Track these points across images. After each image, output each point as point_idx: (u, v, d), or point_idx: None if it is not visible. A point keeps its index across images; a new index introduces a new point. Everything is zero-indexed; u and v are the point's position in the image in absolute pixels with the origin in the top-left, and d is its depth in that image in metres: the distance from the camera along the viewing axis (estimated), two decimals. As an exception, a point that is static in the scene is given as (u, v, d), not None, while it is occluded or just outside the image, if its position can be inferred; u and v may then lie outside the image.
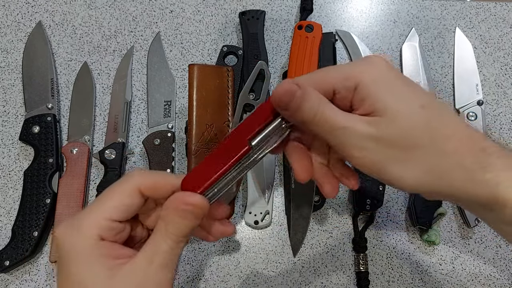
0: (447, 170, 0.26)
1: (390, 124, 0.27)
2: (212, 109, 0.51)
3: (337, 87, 0.28)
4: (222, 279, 0.50)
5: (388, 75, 0.28)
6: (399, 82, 0.28)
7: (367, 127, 0.27)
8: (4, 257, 0.48)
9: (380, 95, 0.27)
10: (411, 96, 0.27)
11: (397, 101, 0.27)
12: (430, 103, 0.27)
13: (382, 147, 0.27)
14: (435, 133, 0.27)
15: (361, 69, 0.28)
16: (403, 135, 0.27)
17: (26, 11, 0.61)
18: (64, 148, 0.53)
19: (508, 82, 0.59)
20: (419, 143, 0.27)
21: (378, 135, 0.27)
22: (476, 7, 0.63)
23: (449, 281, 0.51)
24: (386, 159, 0.27)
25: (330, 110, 0.28)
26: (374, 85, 0.27)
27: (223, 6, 0.63)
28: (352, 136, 0.27)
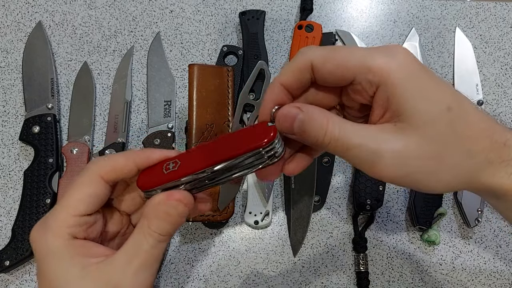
0: (476, 170, 0.26)
1: (417, 133, 0.25)
2: (212, 109, 0.51)
3: (359, 78, 0.26)
4: (222, 279, 0.50)
5: (415, 71, 0.26)
6: (425, 79, 0.26)
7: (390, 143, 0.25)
8: (4, 257, 0.48)
9: (407, 98, 0.25)
10: (438, 96, 0.26)
11: (424, 105, 0.25)
12: (456, 102, 0.26)
13: (407, 160, 0.25)
14: (462, 136, 0.26)
15: (386, 61, 0.25)
16: (431, 144, 0.25)
17: (26, 11, 0.61)
18: (64, 148, 0.53)
19: (508, 82, 0.59)
20: (447, 149, 0.26)
21: (403, 149, 0.25)
22: (476, 7, 0.63)
23: (449, 281, 0.51)
24: (413, 172, 0.26)
25: (341, 128, 0.26)
26: (400, 84, 0.25)
27: (223, 6, 0.63)
28: (371, 153, 0.25)
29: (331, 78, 0.27)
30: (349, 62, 0.26)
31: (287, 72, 0.28)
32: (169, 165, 0.28)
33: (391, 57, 0.26)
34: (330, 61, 0.26)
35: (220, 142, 0.28)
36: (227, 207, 0.49)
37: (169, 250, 0.51)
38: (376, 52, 0.26)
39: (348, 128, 0.26)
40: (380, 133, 0.26)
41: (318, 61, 0.27)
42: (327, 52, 0.27)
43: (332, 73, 0.27)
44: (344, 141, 0.26)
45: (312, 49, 0.27)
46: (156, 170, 0.29)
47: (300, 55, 0.27)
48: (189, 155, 0.29)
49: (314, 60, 0.27)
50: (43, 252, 0.27)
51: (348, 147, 0.26)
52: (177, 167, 0.28)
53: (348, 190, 0.54)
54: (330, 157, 0.53)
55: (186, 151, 0.30)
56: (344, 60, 0.26)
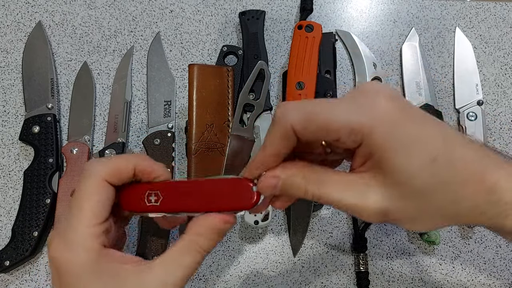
0: (462, 213, 0.26)
1: (397, 188, 0.25)
2: (212, 109, 0.51)
3: (343, 139, 0.26)
4: (222, 279, 0.50)
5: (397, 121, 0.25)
6: (409, 129, 0.25)
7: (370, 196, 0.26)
8: (4, 257, 0.48)
9: (389, 156, 0.25)
10: (421, 148, 0.25)
11: (405, 161, 0.25)
12: (443, 149, 0.25)
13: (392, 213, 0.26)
14: (448, 184, 0.25)
15: (368, 119, 0.25)
16: (411, 197, 0.25)
17: (26, 11, 0.61)
18: (64, 148, 0.53)
19: (508, 82, 0.59)
20: (429, 200, 0.26)
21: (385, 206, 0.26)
22: (476, 7, 0.63)
23: (449, 281, 0.51)
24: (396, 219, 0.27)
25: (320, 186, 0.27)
26: (382, 142, 0.25)
27: (223, 6, 0.63)
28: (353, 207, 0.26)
29: (313, 138, 0.27)
30: (331, 125, 0.25)
31: (273, 142, 0.27)
32: (151, 196, 0.29)
33: (372, 111, 0.25)
34: (312, 124, 0.26)
35: (202, 187, 0.29)
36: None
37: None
38: (357, 108, 0.25)
39: (328, 184, 0.27)
40: (359, 185, 0.26)
41: (298, 124, 0.26)
42: (306, 113, 0.26)
43: (314, 136, 0.26)
44: (325, 198, 0.27)
45: (290, 111, 0.26)
46: (138, 198, 0.30)
47: (279, 119, 0.27)
48: (172, 192, 0.30)
49: (294, 124, 0.26)
50: (74, 269, 0.26)
51: (330, 202, 0.27)
52: (159, 202, 0.29)
53: (348, 190, 0.54)
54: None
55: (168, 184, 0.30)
56: (325, 123, 0.25)
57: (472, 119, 0.55)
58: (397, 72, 0.60)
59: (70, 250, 0.26)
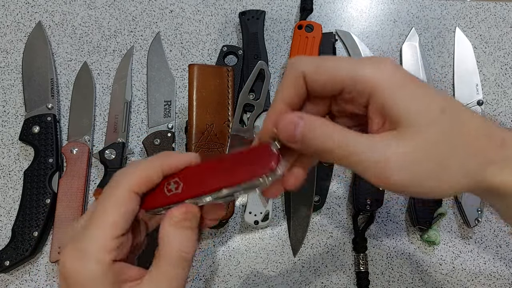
0: (480, 169, 0.26)
1: (419, 136, 0.25)
2: (212, 109, 0.51)
3: (348, 88, 0.26)
4: (222, 279, 0.50)
5: (402, 79, 0.26)
6: (414, 86, 0.26)
7: (394, 147, 0.25)
8: (4, 257, 0.48)
9: (401, 105, 0.25)
10: (429, 101, 0.26)
11: (418, 110, 0.25)
12: (448, 105, 0.26)
13: (413, 164, 0.25)
14: (462, 136, 0.26)
15: (373, 72, 0.26)
16: (435, 145, 0.25)
17: (26, 11, 0.61)
18: (64, 148, 0.53)
19: (508, 82, 0.59)
20: (451, 150, 0.26)
21: (408, 153, 0.25)
22: (476, 7, 0.63)
23: (449, 281, 0.51)
24: (418, 176, 0.25)
25: (344, 135, 0.26)
26: (391, 93, 0.25)
27: (223, 6, 0.63)
28: (376, 159, 0.25)
29: (321, 89, 0.27)
30: (338, 73, 0.26)
31: (285, 88, 0.28)
32: (170, 185, 0.28)
33: (378, 67, 0.26)
34: (320, 72, 0.27)
35: (222, 164, 0.28)
36: (227, 207, 0.49)
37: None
38: (364, 63, 0.26)
39: (351, 136, 0.26)
40: (383, 139, 0.26)
41: (309, 72, 0.27)
42: (317, 63, 0.27)
43: (323, 84, 0.27)
44: (348, 148, 0.25)
45: (302, 59, 0.28)
46: (157, 192, 0.29)
47: (292, 67, 0.28)
48: (191, 176, 0.29)
49: (305, 71, 0.27)
50: (81, 279, 0.26)
51: (352, 154, 0.25)
52: (180, 189, 0.28)
53: (348, 190, 0.54)
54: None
55: (187, 169, 0.29)
56: (333, 71, 0.27)
57: (472, 119, 0.55)
58: (397, 72, 0.60)
59: (82, 260, 0.26)
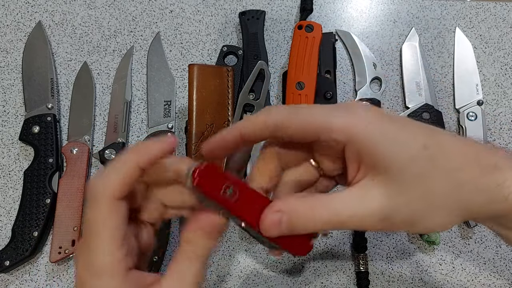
0: (468, 201, 0.26)
1: (397, 181, 0.25)
2: (212, 109, 0.51)
3: (323, 137, 0.26)
4: (222, 279, 0.50)
5: (378, 121, 0.26)
6: (391, 126, 0.26)
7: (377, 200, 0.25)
8: (4, 257, 0.48)
9: (377, 148, 0.25)
10: (410, 139, 0.25)
11: (396, 149, 0.25)
12: (432, 139, 0.26)
13: (401, 211, 0.25)
14: (446, 170, 0.25)
15: (347, 119, 0.26)
16: (416, 186, 0.25)
17: (26, 11, 0.61)
18: (64, 148, 0.53)
19: (508, 82, 0.59)
20: (432, 187, 0.25)
21: (391, 203, 0.25)
22: (476, 7, 0.63)
23: (449, 281, 0.51)
24: (411, 219, 0.26)
25: (328, 209, 0.26)
26: (367, 137, 0.25)
27: (223, 6, 0.63)
28: (365, 217, 0.25)
29: (295, 137, 0.28)
30: (311, 124, 0.26)
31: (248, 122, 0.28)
32: (228, 188, 0.27)
33: (351, 113, 0.26)
34: (293, 122, 0.27)
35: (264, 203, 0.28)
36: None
37: (169, 250, 0.51)
38: (336, 111, 0.26)
39: (334, 205, 0.26)
40: (362, 195, 0.26)
41: (280, 122, 0.27)
42: (289, 113, 0.27)
43: (296, 134, 0.27)
44: (336, 219, 0.26)
45: (274, 109, 0.28)
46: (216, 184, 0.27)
47: (262, 113, 0.28)
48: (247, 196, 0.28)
49: (276, 122, 0.27)
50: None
51: (342, 222, 0.26)
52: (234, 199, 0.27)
53: (348, 190, 0.54)
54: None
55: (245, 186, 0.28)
56: (306, 122, 0.27)
57: (472, 119, 0.55)
58: (397, 72, 0.60)
59: (98, 279, 0.26)
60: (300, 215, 0.26)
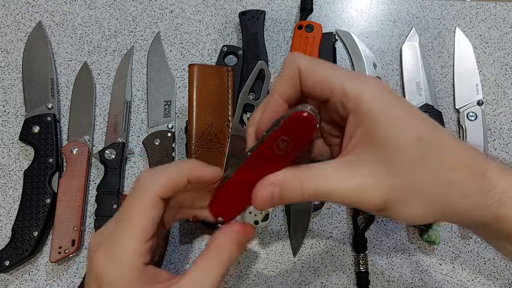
0: (451, 201, 0.26)
1: (385, 163, 0.26)
2: (212, 109, 0.51)
3: (334, 98, 0.27)
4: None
5: (385, 100, 0.26)
6: (395, 109, 0.26)
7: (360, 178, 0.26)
8: (4, 257, 0.48)
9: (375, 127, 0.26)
10: (408, 126, 0.26)
11: (393, 135, 0.26)
12: (428, 132, 0.26)
13: (380, 192, 0.26)
14: (435, 167, 0.26)
15: (360, 88, 0.26)
16: (402, 173, 0.26)
17: (26, 11, 0.61)
18: (64, 148, 0.53)
19: (508, 82, 0.59)
20: (419, 178, 0.26)
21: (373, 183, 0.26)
22: (476, 7, 0.63)
23: (449, 281, 0.51)
24: (388, 202, 0.26)
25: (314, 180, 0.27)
26: (370, 113, 0.26)
27: (223, 6, 0.63)
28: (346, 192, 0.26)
29: (310, 90, 0.28)
30: (329, 80, 0.27)
31: (282, 82, 0.29)
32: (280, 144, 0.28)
33: (366, 86, 0.27)
34: (314, 73, 0.28)
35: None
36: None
37: (169, 250, 0.51)
38: (354, 78, 0.27)
39: (320, 177, 0.27)
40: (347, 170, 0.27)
41: (304, 69, 0.28)
42: (312, 63, 0.28)
43: (314, 86, 0.28)
44: (321, 192, 0.27)
45: (300, 56, 0.29)
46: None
47: (290, 62, 0.29)
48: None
49: (301, 68, 0.28)
50: (114, 282, 0.27)
51: (326, 195, 0.27)
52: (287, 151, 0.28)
53: (348, 190, 0.54)
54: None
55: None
56: (325, 76, 0.27)
57: (472, 119, 0.55)
58: (397, 72, 0.60)
59: (118, 267, 0.27)
60: (290, 187, 0.27)
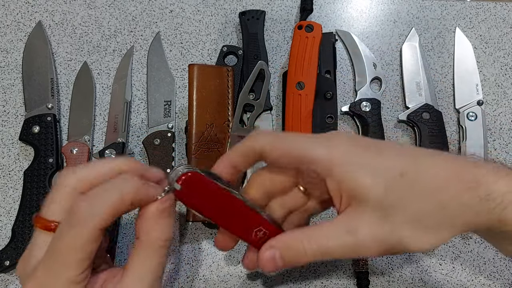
0: (454, 217, 0.26)
1: (380, 210, 0.26)
2: (212, 109, 0.51)
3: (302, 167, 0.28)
4: (222, 279, 0.50)
5: (357, 151, 0.27)
6: (370, 157, 0.27)
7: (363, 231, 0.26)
8: (4, 257, 0.48)
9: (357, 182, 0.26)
10: (386, 167, 0.26)
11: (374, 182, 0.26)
12: (410, 166, 0.26)
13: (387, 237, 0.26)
14: (427, 193, 0.26)
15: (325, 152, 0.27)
16: (399, 213, 0.26)
17: (26, 11, 0.61)
18: (64, 148, 0.53)
19: (508, 82, 0.59)
20: (417, 210, 0.26)
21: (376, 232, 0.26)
22: (476, 7, 0.63)
23: (449, 281, 0.51)
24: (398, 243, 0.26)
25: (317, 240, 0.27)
26: (344, 170, 0.26)
27: (223, 6, 0.63)
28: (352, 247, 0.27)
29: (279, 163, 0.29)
30: (293, 152, 0.28)
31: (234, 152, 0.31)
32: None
33: (330, 145, 0.27)
34: (278, 147, 0.29)
35: None
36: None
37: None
38: (317, 142, 0.28)
39: (322, 236, 0.28)
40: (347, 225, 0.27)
41: (266, 146, 0.29)
42: (275, 138, 0.29)
43: (279, 160, 0.29)
44: (325, 250, 0.27)
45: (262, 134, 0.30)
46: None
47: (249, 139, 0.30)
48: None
49: (262, 146, 0.29)
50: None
51: (330, 252, 0.27)
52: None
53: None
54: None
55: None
56: (289, 149, 0.28)
57: (472, 119, 0.55)
58: (397, 72, 0.60)
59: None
60: (292, 250, 0.28)
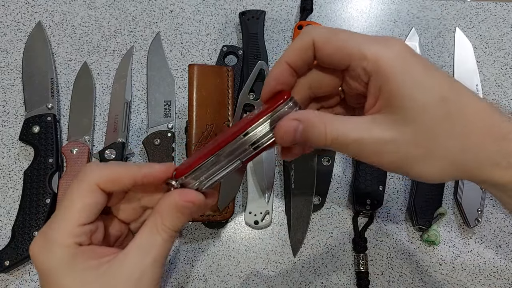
0: (471, 162, 0.26)
1: (409, 122, 0.26)
2: (212, 109, 0.51)
3: (354, 64, 0.27)
4: (222, 279, 0.50)
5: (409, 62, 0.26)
6: (419, 70, 0.26)
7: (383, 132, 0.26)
8: (4, 257, 0.48)
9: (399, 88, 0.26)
10: (432, 86, 0.26)
11: (417, 95, 0.26)
12: (452, 92, 0.26)
13: (402, 148, 0.26)
14: (457, 128, 0.26)
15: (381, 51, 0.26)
16: (424, 132, 0.26)
17: (26, 11, 0.61)
18: (64, 148, 0.53)
19: (508, 82, 0.59)
20: (440, 139, 0.26)
21: (396, 138, 0.26)
22: (476, 7, 0.63)
23: (449, 281, 0.51)
24: (407, 159, 0.26)
25: (339, 127, 0.27)
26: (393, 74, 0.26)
27: (223, 6, 0.63)
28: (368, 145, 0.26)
29: (330, 60, 0.28)
30: (347, 47, 0.27)
31: (291, 50, 0.29)
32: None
33: (386, 47, 0.27)
34: (331, 42, 0.28)
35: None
36: (227, 207, 0.49)
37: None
38: (373, 41, 0.27)
39: (345, 126, 0.27)
40: (371, 124, 0.27)
41: (319, 41, 0.28)
42: (329, 33, 0.28)
43: (331, 55, 0.28)
44: (343, 139, 0.27)
45: (316, 29, 0.29)
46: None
47: (304, 34, 0.29)
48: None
49: (316, 40, 0.28)
50: (50, 265, 0.26)
51: (347, 143, 0.27)
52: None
53: (348, 190, 0.54)
54: (330, 157, 0.53)
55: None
56: (343, 44, 0.27)
57: (472, 119, 0.55)
58: (397, 72, 0.60)
59: (47, 248, 0.27)
60: (315, 128, 0.27)
